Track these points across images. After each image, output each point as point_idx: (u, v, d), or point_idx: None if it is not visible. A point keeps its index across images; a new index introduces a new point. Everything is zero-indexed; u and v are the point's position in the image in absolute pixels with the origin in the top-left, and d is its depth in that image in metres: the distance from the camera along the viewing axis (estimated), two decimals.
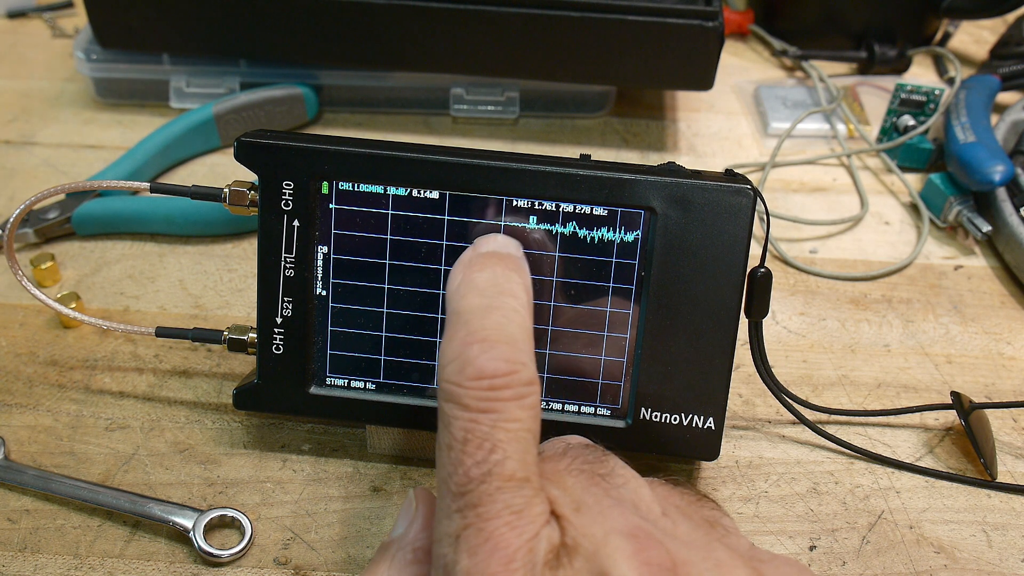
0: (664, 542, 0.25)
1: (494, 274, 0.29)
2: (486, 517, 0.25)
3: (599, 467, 0.28)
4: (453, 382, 0.26)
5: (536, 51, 0.56)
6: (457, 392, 0.26)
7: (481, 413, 0.26)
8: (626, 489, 0.28)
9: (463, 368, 0.26)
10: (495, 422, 0.25)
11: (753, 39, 0.75)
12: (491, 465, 0.25)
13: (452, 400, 0.26)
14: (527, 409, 0.26)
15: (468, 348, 0.26)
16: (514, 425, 0.26)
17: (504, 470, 0.25)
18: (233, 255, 0.51)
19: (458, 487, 0.25)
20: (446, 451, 0.26)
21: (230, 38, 0.58)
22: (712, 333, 0.36)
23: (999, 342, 0.48)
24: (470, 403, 0.26)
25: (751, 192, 0.35)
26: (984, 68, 0.68)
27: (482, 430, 0.25)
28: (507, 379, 0.26)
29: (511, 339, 0.27)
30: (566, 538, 0.25)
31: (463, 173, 0.35)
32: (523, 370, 0.26)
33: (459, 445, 0.26)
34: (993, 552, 0.38)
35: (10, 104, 0.63)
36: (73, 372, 0.44)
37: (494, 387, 0.26)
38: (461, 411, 0.26)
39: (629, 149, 0.61)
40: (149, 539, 0.36)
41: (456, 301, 0.28)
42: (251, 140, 0.36)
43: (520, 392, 0.26)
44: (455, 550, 0.25)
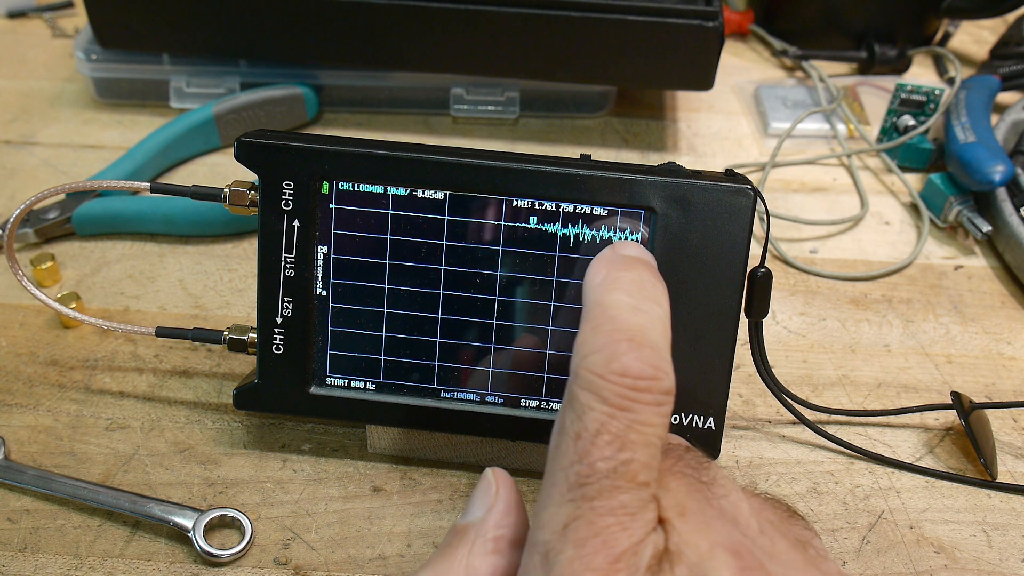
0: (765, 563, 0.25)
1: (640, 277, 0.29)
2: (601, 512, 0.24)
3: (702, 473, 0.28)
4: (596, 373, 0.26)
5: (536, 51, 0.56)
6: (598, 384, 0.26)
7: (619, 410, 0.25)
8: (727, 501, 0.27)
9: (609, 361, 0.26)
10: (631, 422, 0.25)
11: (753, 39, 0.75)
12: (618, 463, 0.25)
13: (592, 390, 0.26)
14: (662, 417, 0.26)
15: (616, 344, 0.26)
16: (648, 429, 0.25)
17: (630, 470, 0.25)
18: (233, 255, 0.51)
19: (579, 477, 0.25)
20: (573, 439, 0.26)
21: (230, 38, 0.58)
22: (712, 333, 0.36)
23: (999, 342, 0.48)
24: (610, 397, 0.25)
25: (751, 192, 0.35)
26: (984, 68, 0.68)
27: (617, 426, 0.25)
28: (649, 383, 0.26)
29: (656, 345, 0.27)
30: (669, 544, 0.25)
31: (463, 173, 0.35)
32: (665, 378, 0.26)
33: (590, 436, 0.25)
34: (993, 552, 0.38)
35: (10, 104, 0.63)
36: (73, 372, 0.44)
37: (636, 388, 0.26)
38: (599, 403, 0.25)
39: (629, 149, 0.61)
40: (149, 539, 0.36)
41: (601, 294, 0.28)
42: (251, 140, 0.36)
43: (659, 399, 0.26)
44: (561, 538, 0.24)
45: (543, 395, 0.37)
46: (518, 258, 0.36)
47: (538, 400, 0.37)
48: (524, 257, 0.36)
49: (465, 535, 0.28)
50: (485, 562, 0.28)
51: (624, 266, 0.29)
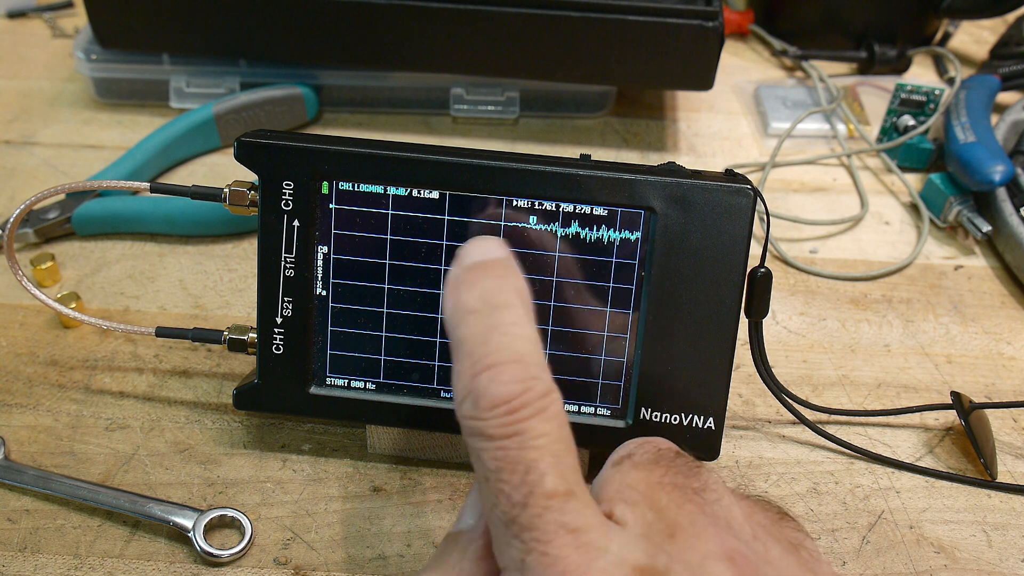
0: (760, 568, 0.25)
1: (483, 289, 0.28)
2: (544, 540, 0.24)
3: (693, 480, 0.28)
4: (471, 416, 0.26)
5: (536, 51, 0.56)
6: (478, 425, 0.26)
7: (506, 438, 0.25)
8: (719, 506, 0.27)
9: (477, 401, 0.26)
10: (522, 444, 0.25)
11: (753, 39, 0.75)
12: (530, 488, 0.25)
13: (475, 434, 0.26)
14: (551, 420, 0.26)
15: (476, 380, 0.26)
16: (542, 440, 0.25)
17: (544, 489, 0.24)
18: (233, 255, 0.51)
19: (505, 516, 0.25)
20: (484, 483, 0.26)
21: (230, 38, 0.58)
22: (712, 333, 0.36)
23: (999, 342, 0.48)
24: (494, 432, 0.25)
25: (751, 192, 0.35)
26: (984, 68, 0.68)
27: (512, 455, 0.25)
28: (523, 399, 0.25)
29: (517, 357, 0.26)
30: (657, 563, 0.25)
31: (463, 173, 0.35)
32: (536, 384, 0.26)
33: (494, 475, 0.25)
34: (993, 552, 0.38)
35: (10, 104, 0.63)
36: (73, 372, 0.44)
37: (512, 410, 0.25)
38: (487, 442, 0.25)
39: (629, 149, 0.61)
40: (149, 539, 0.36)
41: (453, 329, 0.28)
42: (251, 140, 0.36)
43: (539, 407, 0.25)
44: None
45: None
46: (518, 258, 0.36)
47: None
48: (524, 257, 0.36)
49: (457, 542, 0.28)
50: (477, 567, 0.27)
51: (466, 285, 0.28)
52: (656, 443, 0.30)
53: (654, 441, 0.30)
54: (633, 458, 0.29)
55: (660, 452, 0.29)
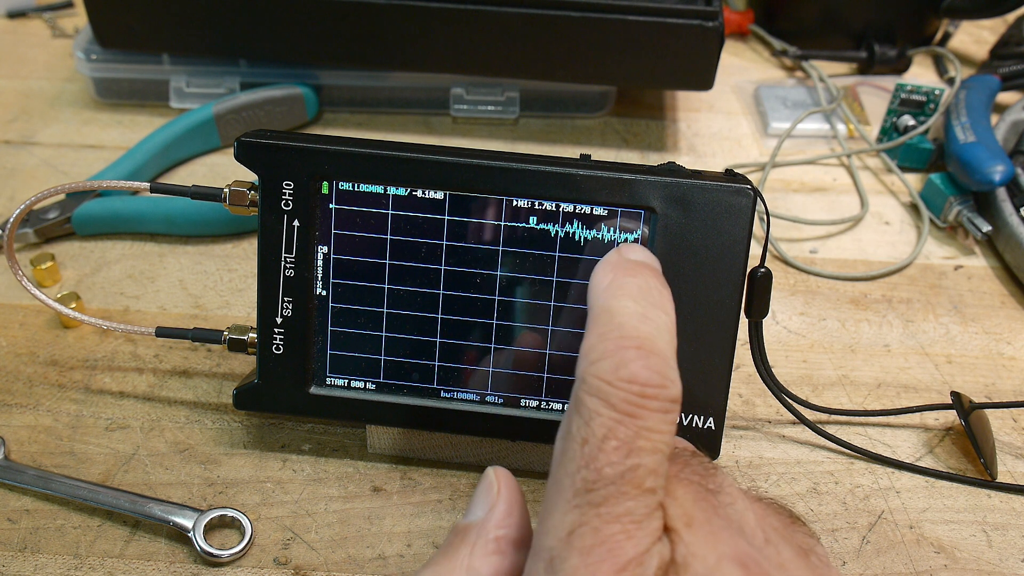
0: (772, 573, 0.25)
1: (647, 283, 0.29)
2: (607, 519, 0.24)
3: (709, 480, 0.28)
4: (604, 379, 0.26)
5: (536, 51, 0.56)
6: (607, 390, 0.26)
7: (627, 416, 0.25)
8: (733, 509, 0.27)
9: (617, 368, 0.26)
10: (639, 428, 0.25)
11: (753, 39, 0.75)
12: (625, 469, 0.25)
13: (599, 396, 0.26)
14: (669, 424, 0.26)
15: (624, 350, 0.26)
16: (655, 436, 0.25)
17: (636, 476, 0.25)
18: (233, 255, 0.51)
19: (585, 483, 0.25)
20: (579, 444, 0.25)
21: (230, 38, 0.58)
22: (712, 333, 0.36)
23: (999, 342, 0.48)
24: (618, 403, 0.25)
25: (751, 192, 0.35)
26: (984, 68, 0.68)
27: (625, 432, 0.25)
28: (657, 390, 0.26)
29: (663, 353, 0.27)
30: (676, 555, 0.25)
31: (463, 173, 0.35)
32: (672, 386, 0.26)
33: (597, 441, 0.25)
34: (993, 552, 0.38)
35: (10, 104, 0.63)
36: (73, 372, 0.44)
37: (644, 395, 0.25)
38: (607, 409, 0.25)
39: (629, 149, 0.61)
40: (149, 539, 0.36)
41: (607, 299, 0.28)
42: (251, 140, 0.36)
43: (666, 406, 0.26)
44: (566, 546, 0.24)
45: (543, 395, 0.37)
46: (518, 258, 0.36)
47: (538, 400, 0.37)
48: (524, 257, 0.36)
49: (467, 535, 0.28)
50: (487, 563, 0.27)
51: (630, 271, 0.29)
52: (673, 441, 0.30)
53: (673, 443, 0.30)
54: None
55: (677, 450, 0.29)
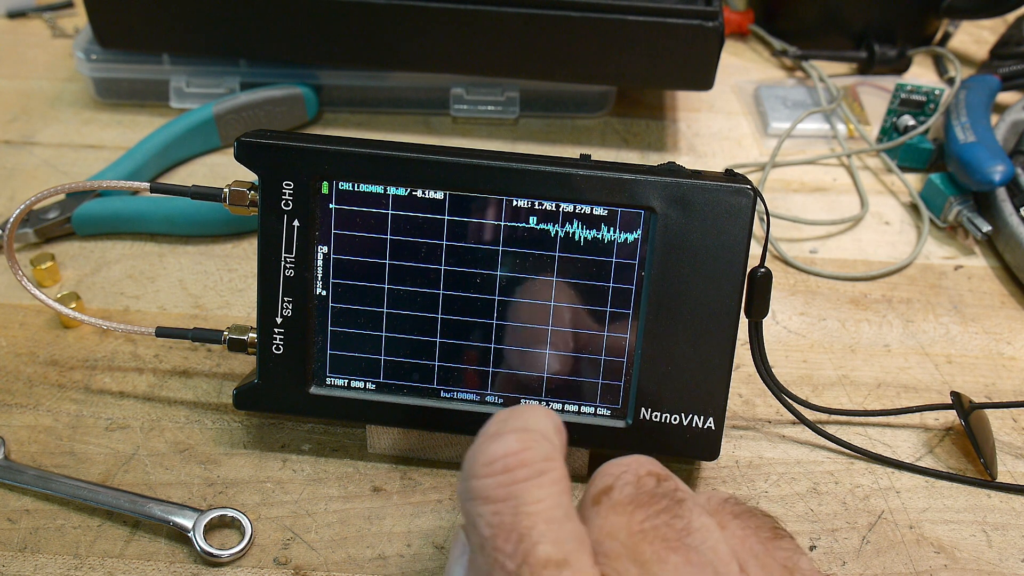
0: None
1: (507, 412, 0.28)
2: None
3: (676, 521, 0.26)
4: (469, 476, 0.25)
5: (536, 51, 0.56)
6: (475, 486, 0.25)
7: (502, 502, 0.25)
8: (705, 548, 0.26)
9: (474, 458, 0.25)
10: (516, 508, 0.24)
11: (753, 39, 0.75)
12: (523, 555, 0.24)
13: (472, 496, 0.25)
14: (550, 485, 0.25)
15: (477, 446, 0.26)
16: (538, 507, 0.24)
17: (538, 556, 0.24)
18: (233, 255, 0.51)
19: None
20: (479, 553, 0.25)
21: (230, 38, 0.58)
22: (712, 333, 0.36)
23: (999, 342, 0.48)
24: (490, 493, 0.25)
25: (751, 192, 0.35)
26: (984, 68, 0.68)
27: (506, 521, 0.24)
28: (519, 457, 0.25)
29: (518, 427, 0.26)
30: None
31: (463, 173, 0.35)
32: (536, 445, 0.25)
33: (489, 542, 0.24)
34: (993, 552, 0.38)
35: (10, 104, 0.63)
36: (73, 372, 0.44)
37: (507, 468, 0.25)
38: (482, 505, 0.25)
39: (629, 149, 0.61)
40: (149, 539, 0.36)
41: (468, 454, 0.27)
42: (251, 140, 0.36)
43: (539, 468, 0.25)
44: None
45: (543, 395, 0.37)
46: (518, 258, 0.36)
47: (538, 400, 0.37)
48: (524, 257, 0.36)
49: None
50: None
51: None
52: (635, 468, 0.28)
53: (633, 465, 0.28)
54: (612, 496, 0.27)
55: (640, 483, 0.27)
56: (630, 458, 0.29)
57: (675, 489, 0.27)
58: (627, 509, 0.27)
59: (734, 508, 0.28)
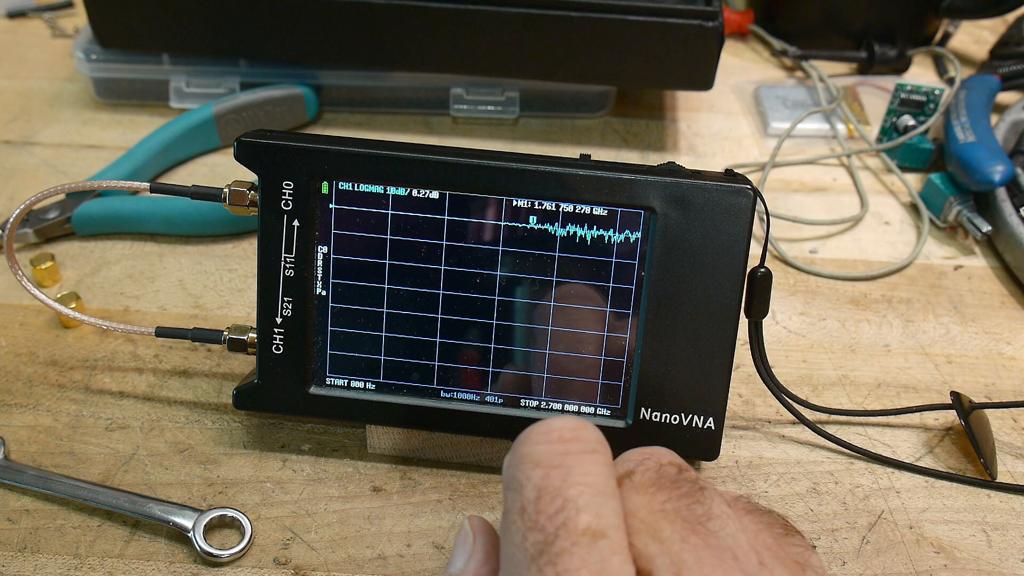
0: None
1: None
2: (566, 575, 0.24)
3: (696, 506, 0.27)
4: (525, 443, 0.26)
5: (536, 51, 0.56)
6: (529, 451, 0.26)
7: (553, 468, 0.25)
8: (724, 534, 0.26)
9: (532, 430, 0.26)
10: (566, 476, 0.25)
11: (753, 39, 0.75)
12: (564, 519, 0.24)
13: (524, 461, 0.26)
14: (600, 465, 0.26)
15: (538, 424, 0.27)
16: (588, 478, 0.25)
17: (578, 524, 0.24)
18: (233, 255, 0.51)
19: (534, 547, 0.25)
20: (518, 515, 0.25)
21: (230, 38, 0.58)
22: (712, 333, 0.36)
23: (999, 342, 0.48)
24: (542, 458, 0.26)
25: (751, 192, 0.35)
26: (984, 68, 0.68)
27: (554, 485, 0.25)
28: (577, 432, 0.26)
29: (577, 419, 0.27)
30: None
31: (463, 173, 0.35)
32: (593, 432, 0.26)
33: (532, 504, 0.25)
34: (993, 552, 0.38)
35: (10, 104, 0.63)
36: (73, 372, 0.44)
37: (564, 439, 0.26)
38: (532, 468, 0.26)
39: (629, 149, 0.61)
40: (149, 539, 0.36)
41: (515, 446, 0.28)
42: (251, 140, 0.36)
43: (592, 446, 0.26)
44: None
45: (543, 395, 0.37)
46: (518, 258, 0.36)
47: (538, 400, 0.37)
48: (524, 257, 0.36)
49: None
50: None
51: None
52: (657, 457, 0.29)
53: (655, 454, 0.29)
54: (634, 478, 0.28)
55: (662, 470, 0.28)
56: (651, 448, 0.29)
57: (696, 479, 0.28)
58: (648, 490, 0.27)
59: (746, 505, 0.29)
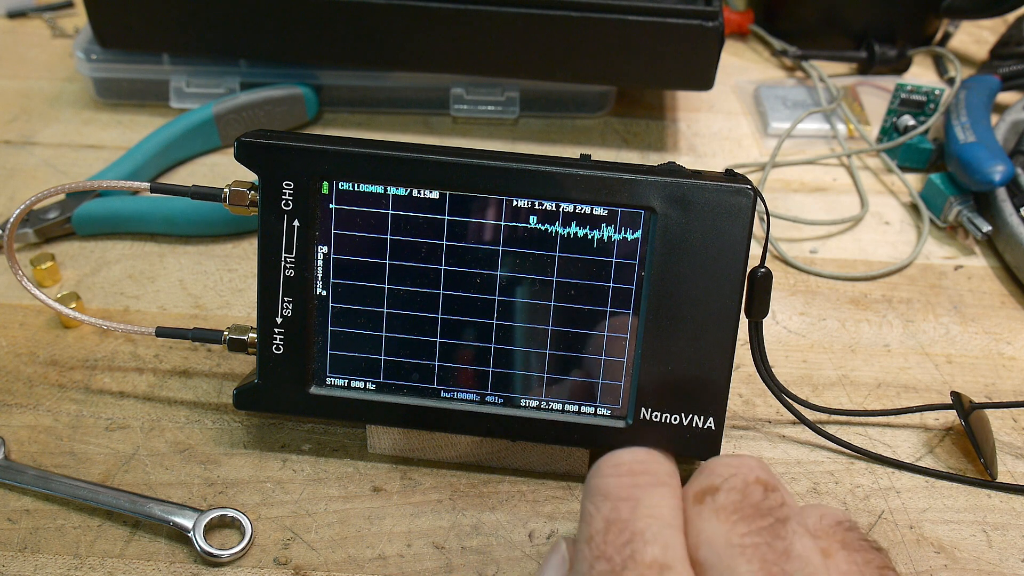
0: None
1: None
2: None
3: (778, 542, 0.25)
4: (595, 475, 0.27)
5: (536, 51, 0.56)
6: (599, 483, 0.27)
7: (621, 500, 0.26)
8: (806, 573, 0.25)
9: (605, 461, 0.27)
10: (635, 507, 0.26)
11: (753, 39, 0.75)
12: (632, 551, 0.25)
13: (594, 493, 0.27)
14: (668, 498, 0.26)
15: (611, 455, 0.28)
16: (654, 511, 0.26)
17: (645, 556, 0.25)
18: (233, 255, 0.51)
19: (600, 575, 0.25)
20: (587, 544, 0.26)
21: (230, 38, 0.58)
22: (712, 333, 0.36)
23: (999, 342, 0.48)
24: (611, 490, 0.26)
25: (751, 192, 0.35)
26: (984, 68, 0.68)
27: (622, 517, 0.26)
28: (646, 465, 0.27)
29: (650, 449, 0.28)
30: None
31: (463, 173, 0.35)
32: (664, 463, 0.27)
33: (600, 535, 0.26)
34: (993, 552, 0.38)
35: (10, 104, 0.63)
36: (73, 372, 0.44)
37: (633, 471, 0.26)
38: (602, 500, 0.26)
39: (629, 149, 0.61)
40: (149, 539, 0.36)
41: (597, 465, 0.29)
42: (251, 140, 0.36)
43: (661, 479, 0.26)
44: None
45: (543, 395, 0.37)
46: (518, 258, 0.36)
47: (538, 400, 0.37)
48: (524, 257, 0.36)
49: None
50: None
51: None
52: (745, 472, 0.27)
53: (743, 468, 0.27)
54: (717, 498, 0.27)
55: (747, 491, 0.27)
56: (739, 460, 0.28)
57: (781, 504, 0.26)
58: (730, 518, 0.26)
59: (845, 536, 0.27)
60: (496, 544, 0.37)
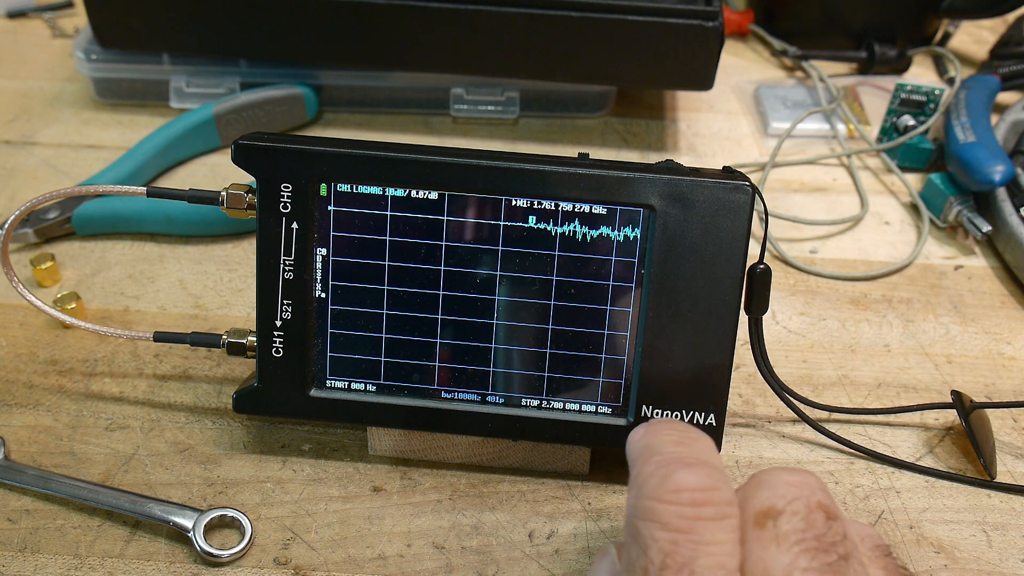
0: None
1: (680, 425, 0.29)
2: None
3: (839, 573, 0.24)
4: (652, 497, 0.25)
5: (536, 51, 0.56)
6: (657, 509, 0.25)
7: (682, 534, 0.24)
8: None
9: (663, 481, 0.25)
10: (696, 545, 0.24)
11: (753, 39, 0.75)
12: None
13: (651, 519, 0.25)
14: (729, 532, 0.25)
15: (667, 466, 0.25)
16: (716, 548, 0.24)
17: None
18: (233, 255, 0.51)
19: None
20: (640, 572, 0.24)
21: (230, 38, 0.58)
22: (712, 329, 0.36)
23: (999, 342, 0.48)
24: (671, 520, 0.24)
25: (749, 189, 0.35)
26: (984, 68, 0.68)
27: (683, 553, 0.24)
28: (708, 494, 0.25)
29: (708, 462, 0.26)
30: None
31: (462, 173, 0.35)
32: (724, 488, 0.25)
33: (656, 569, 0.24)
34: (993, 552, 0.38)
35: (10, 104, 0.63)
36: (73, 372, 0.44)
37: (695, 502, 0.24)
38: (660, 530, 0.24)
39: (629, 149, 0.61)
40: (149, 539, 0.36)
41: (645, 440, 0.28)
42: (249, 143, 0.36)
43: (722, 511, 0.25)
44: None
45: (543, 394, 0.37)
46: (518, 258, 0.36)
47: (539, 399, 0.37)
48: (523, 257, 0.36)
49: None
50: None
51: (661, 424, 0.29)
52: (807, 496, 0.26)
53: (806, 489, 0.26)
54: (779, 523, 0.25)
55: (811, 518, 0.26)
56: (801, 479, 0.27)
57: (843, 538, 0.26)
58: (792, 549, 0.25)
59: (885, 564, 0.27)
60: (496, 544, 0.37)
